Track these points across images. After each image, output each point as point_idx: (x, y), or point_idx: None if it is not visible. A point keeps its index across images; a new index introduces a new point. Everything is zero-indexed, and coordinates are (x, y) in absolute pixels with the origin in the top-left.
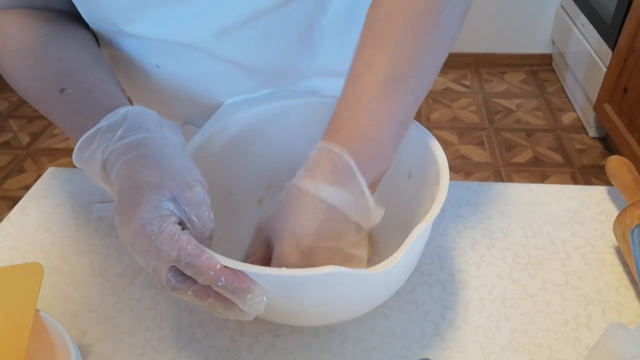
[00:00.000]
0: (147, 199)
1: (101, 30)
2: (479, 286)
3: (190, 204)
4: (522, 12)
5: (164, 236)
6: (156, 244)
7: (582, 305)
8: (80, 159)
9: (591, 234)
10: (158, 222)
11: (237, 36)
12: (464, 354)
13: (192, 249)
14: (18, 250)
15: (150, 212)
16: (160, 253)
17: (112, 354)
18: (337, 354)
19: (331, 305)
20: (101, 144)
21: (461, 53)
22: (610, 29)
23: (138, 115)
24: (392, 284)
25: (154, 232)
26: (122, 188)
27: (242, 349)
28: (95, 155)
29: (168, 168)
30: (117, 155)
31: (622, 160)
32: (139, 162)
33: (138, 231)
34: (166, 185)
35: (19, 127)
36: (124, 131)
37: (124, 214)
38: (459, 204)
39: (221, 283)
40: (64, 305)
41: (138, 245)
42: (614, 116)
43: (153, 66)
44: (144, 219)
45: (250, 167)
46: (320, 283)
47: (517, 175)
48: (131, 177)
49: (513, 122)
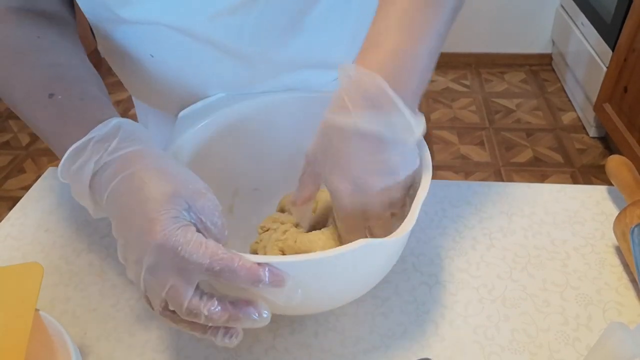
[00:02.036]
0: (166, 210)
1: (96, 18)
2: (479, 286)
3: (205, 212)
4: (522, 12)
5: (192, 245)
6: (184, 254)
7: (582, 305)
8: (67, 170)
9: (591, 233)
10: (182, 232)
11: (230, 21)
12: (464, 354)
13: (223, 253)
14: (18, 250)
15: (172, 223)
16: (190, 264)
17: (112, 354)
18: (337, 354)
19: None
20: (93, 155)
21: (461, 53)
22: (610, 28)
23: (131, 126)
24: (398, 253)
25: (180, 243)
26: (130, 205)
27: (242, 349)
28: (87, 167)
29: (176, 178)
30: (114, 169)
31: (622, 159)
32: (145, 175)
33: (161, 246)
34: (181, 194)
35: (19, 127)
36: (119, 142)
37: (142, 229)
38: (459, 204)
39: (264, 279)
40: (63, 305)
41: (162, 262)
42: (614, 116)
43: (147, 56)
44: (165, 230)
45: (215, 176)
46: (352, 257)
47: (517, 175)
48: (141, 190)
49: (513, 122)
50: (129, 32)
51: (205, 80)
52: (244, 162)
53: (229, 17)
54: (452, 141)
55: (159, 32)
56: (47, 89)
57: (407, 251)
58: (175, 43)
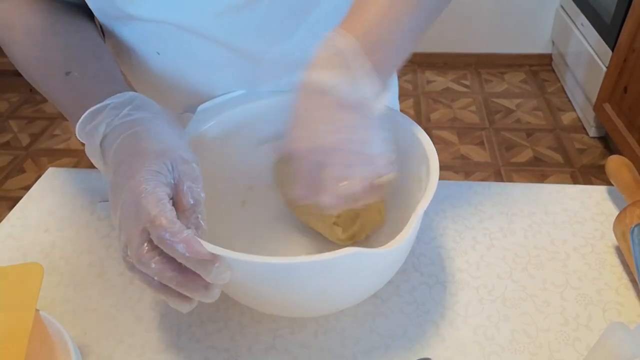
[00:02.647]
0: (150, 163)
1: (104, 15)
2: (479, 286)
3: (185, 175)
4: (522, 12)
5: (153, 196)
6: (143, 201)
7: (582, 305)
8: (82, 130)
9: (591, 234)
10: (154, 185)
11: (235, 19)
12: (464, 354)
13: (171, 215)
14: (18, 251)
15: (150, 175)
16: (141, 210)
17: (112, 354)
18: (337, 354)
19: (344, 286)
20: (106, 118)
21: (461, 53)
22: (610, 28)
23: (143, 99)
24: (396, 263)
25: (146, 191)
26: (124, 156)
27: (242, 349)
28: (99, 128)
29: (169, 142)
30: (121, 129)
31: (622, 160)
32: (143, 134)
33: (133, 188)
34: (168, 155)
35: (19, 127)
36: (130, 109)
37: (125, 176)
38: (459, 204)
39: (191, 250)
40: (64, 305)
41: (127, 203)
42: (613, 116)
43: (154, 54)
44: (142, 178)
45: (231, 170)
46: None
47: (517, 175)
48: (135, 145)
49: (513, 122)
50: (136, 29)
51: (210, 78)
52: (262, 158)
53: (235, 16)
54: (452, 141)
55: (165, 30)
56: (65, 68)
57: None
58: (181, 41)
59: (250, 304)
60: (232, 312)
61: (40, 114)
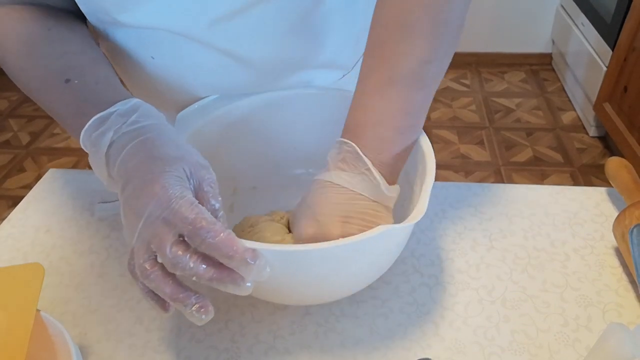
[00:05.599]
0: (171, 168)
1: (97, 20)
2: (479, 287)
3: (204, 181)
4: (522, 12)
5: (185, 200)
6: (175, 205)
7: (582, 306)
8: (88, 138)
9: (591, 235)
10: (180, 190)
11: (229, 26)
12: (464, 355)
13: (209, 216)
14: (19, 251)
15: (174, 180)
16: (177, 215)
17: (112, 355)
18: (338, 354)
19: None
20: (114, 125)
21: (461, 53)
22: (610, 28)
23: (148, 106)
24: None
25: (176, 195)
26: (141, 160)
27: (242, 350)
28: (106, 135)
29: (185, 148)
30: (130, 137)
31: (622, 161)
32: (157, 140)
33: (159, 194)
34: (186, 160)
35: (19, 126)
36: (138, 117)
37: (145, 180)
38: (459, 206)
39: (235, 249)
40: (64, 305)
41: (154, 212)
42: (613, 115)
43: (148, 58)
44: (167, 183)
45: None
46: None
47: (517, 174)
48: (152, 150)
49: (513, 122)
50: (130, 34)
51: (206, 82)
52: (242, 161)
53: (228, 22)
54: (452, 140)
55: (159, 36)
56: (63, 75)
57: (407, 252)
58: (175, 46)
59: (270, 298)
60: (232, 313)
61: (40, 112)
